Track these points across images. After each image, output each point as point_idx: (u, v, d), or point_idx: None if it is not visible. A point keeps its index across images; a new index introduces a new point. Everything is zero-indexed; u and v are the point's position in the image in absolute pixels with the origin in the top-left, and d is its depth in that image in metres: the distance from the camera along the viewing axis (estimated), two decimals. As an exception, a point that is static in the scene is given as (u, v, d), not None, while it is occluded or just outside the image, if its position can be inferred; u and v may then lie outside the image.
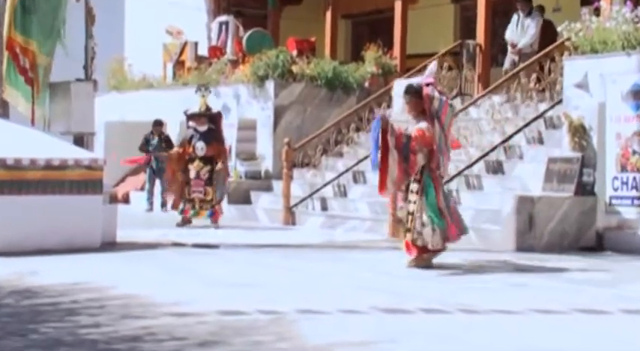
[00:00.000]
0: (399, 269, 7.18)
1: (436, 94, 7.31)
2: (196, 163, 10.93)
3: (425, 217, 7.14)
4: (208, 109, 11.27)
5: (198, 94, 11.37)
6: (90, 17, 10.50)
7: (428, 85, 7.36)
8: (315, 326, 4.96)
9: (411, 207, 7.16)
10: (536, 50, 11.57)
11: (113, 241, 8.89)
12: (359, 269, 6.71)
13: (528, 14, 11.77)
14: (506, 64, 12.12)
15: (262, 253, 8.44)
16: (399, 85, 7.43)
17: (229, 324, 4.98)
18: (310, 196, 11.84)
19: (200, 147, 10.93)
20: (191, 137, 11.08)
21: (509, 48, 11.90)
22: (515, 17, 11.95)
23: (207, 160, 10.91)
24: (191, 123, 11.23)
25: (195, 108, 11.30)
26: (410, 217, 7.16)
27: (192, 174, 10.93)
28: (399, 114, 7.35)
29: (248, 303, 5.60)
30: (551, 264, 7.85)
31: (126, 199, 15.32)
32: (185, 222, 11.05)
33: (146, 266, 7.48)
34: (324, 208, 11.68)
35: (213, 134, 11.07)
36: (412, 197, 7.16)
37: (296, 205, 11.71)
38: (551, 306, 5.64)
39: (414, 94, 7.30)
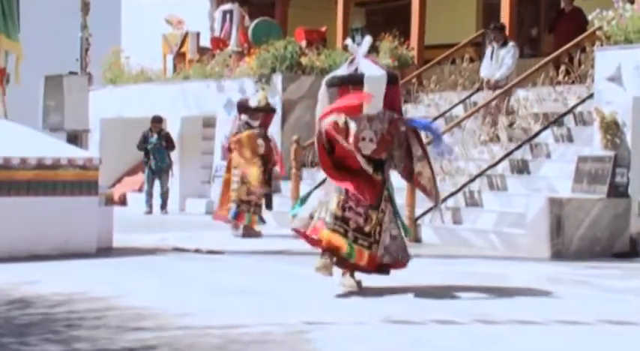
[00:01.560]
0: (413, 277, 7.16)
1: None
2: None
3: (395, 231, 6.48)
4: (268, 103, 10.74)
5: (257, 85, 10.87)
6: (84, 6, 10.54)
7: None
8: (329, 339, 4.95)
9: (374, 216, 6.36)
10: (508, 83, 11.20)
11: (109, 246, 8.91)
12: (370, 277, 6.69)
13: (503, 45, 11.51)
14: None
15: (269, 260, 8.44)
16: (374, 71, 6.41)
17: (236, 337, 4.98)
18: (321, 197, 11.81)
19: (260, 144, 10.40)
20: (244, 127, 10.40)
21: (484, 85, 11.63)
22: (489, 49, 11.74)
23: (264, 158, 10.44)
24: (244, 116, 10.56)
25: (254, 99, 10.67)
26: (378, 228, 6.39)
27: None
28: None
29: (255, 314, 5.61)
30: (580, 271, 7.82)
31: (123, 201, 15.37)
32: (250, 231, 10.35)
33: (145, 273, 7.49)
34: (336, 210, 11.65)
35: (264, 132, 10.61)
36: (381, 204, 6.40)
37: (305, 207, 11.69)
38: (579, 317, 5.61)
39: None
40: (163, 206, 14.13)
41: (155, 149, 14.06)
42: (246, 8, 15.58)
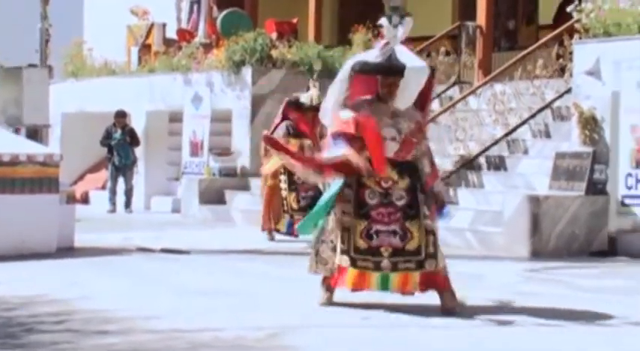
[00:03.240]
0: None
1: None
2: None
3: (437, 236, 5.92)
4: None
5: (310, 83, 10.20)
6: (44, -5, 10.43)
7: None
8: (306, 344, 4.92)
9: (415, 229, 5.77)
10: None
11: (71, 246, 8.84)
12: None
13: None
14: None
15: (238, 260, 8.41)
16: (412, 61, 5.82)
17: (207, 341, 4.94)
18: (292, 195, 11.79)
19: (308, 145, 9.81)
20: (287, 133, 9.82)
21: None
22: None
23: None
24: (293, 115, 9.87)
25: (305, 97, 9.85)
26: (432, 238, 5.83)
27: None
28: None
29: (228, 316, 5.57)
30: (557, 270, 7.87)
31: (85, 199, 15.25)
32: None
33: (109, 275, 7.43)
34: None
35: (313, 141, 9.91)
36: (425, 210, 5.84)
37: (276, 205, 11.67)
38: (555, 317, 5.64)
39: None
40: (127, 204, 14.02)
41: (119, 145, 13.95)
42: (215, -2, 15.51)
